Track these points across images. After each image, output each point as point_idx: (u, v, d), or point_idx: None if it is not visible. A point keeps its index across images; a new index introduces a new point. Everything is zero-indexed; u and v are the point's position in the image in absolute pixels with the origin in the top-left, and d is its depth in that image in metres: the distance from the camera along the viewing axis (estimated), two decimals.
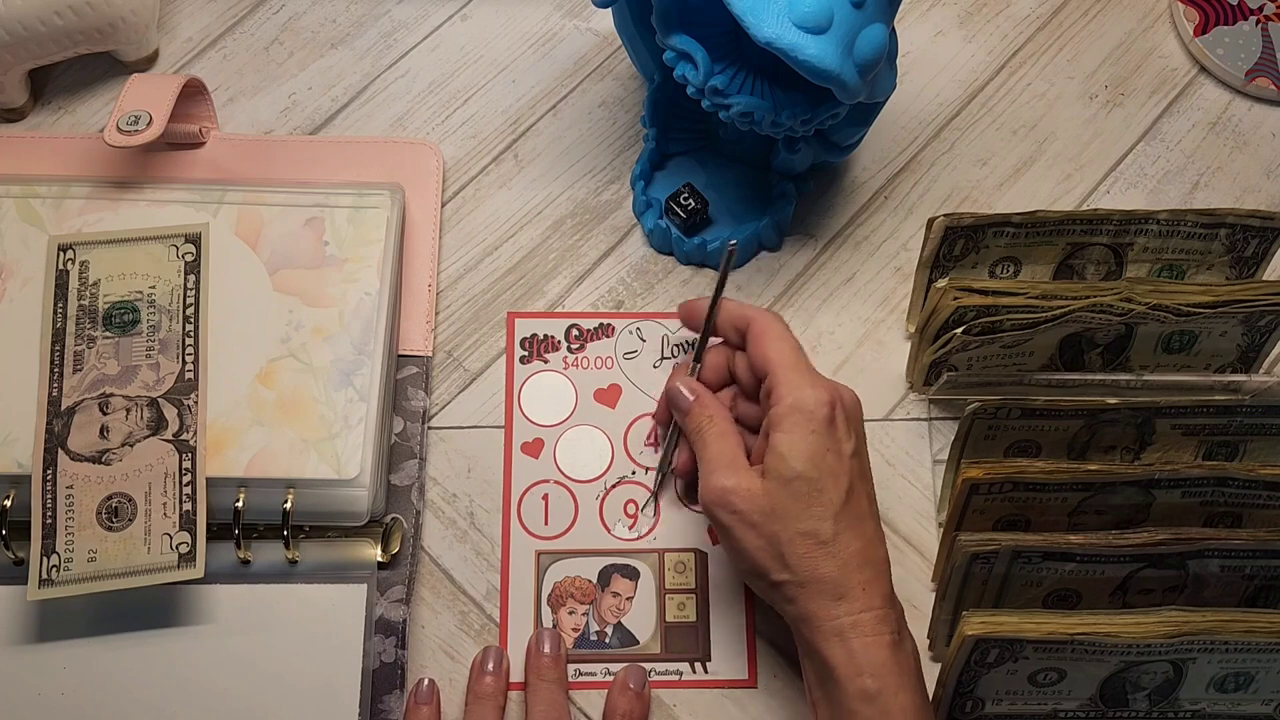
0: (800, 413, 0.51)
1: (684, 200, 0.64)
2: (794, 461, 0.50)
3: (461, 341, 0.63)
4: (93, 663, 0.55)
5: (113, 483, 0.54)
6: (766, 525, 0.51)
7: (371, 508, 0.57)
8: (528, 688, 0.56)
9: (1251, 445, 0.58)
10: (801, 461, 0.50)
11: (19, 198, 0.61)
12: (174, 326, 0.57)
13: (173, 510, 0.54)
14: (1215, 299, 0.57)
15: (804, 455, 0.51)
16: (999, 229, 0.59)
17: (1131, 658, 0.51)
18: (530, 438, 0.61)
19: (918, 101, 0.70)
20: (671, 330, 0.63)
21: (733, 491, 0.51)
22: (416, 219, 0.65)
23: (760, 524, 0.51)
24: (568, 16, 0.71)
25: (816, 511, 0.50)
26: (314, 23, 0.71)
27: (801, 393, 0.52)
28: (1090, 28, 0.72)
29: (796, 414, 0.51)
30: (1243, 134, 0.69)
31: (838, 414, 0.52)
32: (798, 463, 0.50)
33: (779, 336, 0.54)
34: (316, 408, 0.57)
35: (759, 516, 0.51)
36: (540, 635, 0.57)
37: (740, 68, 0.57)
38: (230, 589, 0.56)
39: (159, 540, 0.53)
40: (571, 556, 0.59)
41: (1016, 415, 0.56)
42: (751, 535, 0.51)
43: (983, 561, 0.53)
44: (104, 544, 0.53)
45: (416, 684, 0.56)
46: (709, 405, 0.55)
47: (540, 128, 0.68)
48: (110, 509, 0.54)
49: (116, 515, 0.54)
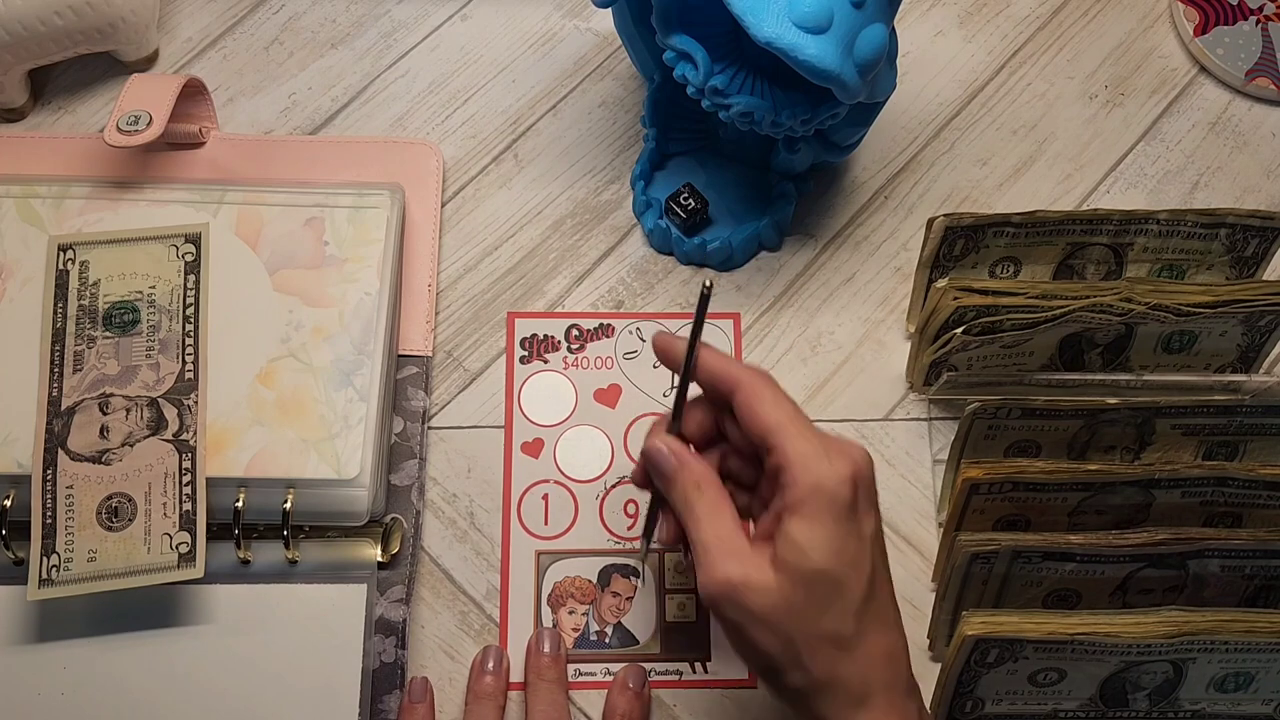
0: (821, 498, 0.44)
1: (684, 200, 0.64)
2: (815, 556, 0.44)
3: (461, 341, 0.63)
4: (93, 663, 0.55)
5: (113, 483, 0.54)
6: (782, 626, 0.44)
7: (371, 508, 0.57)
8: (528, 687, 0.56)
9: (1251, 445, 0.58)
10: (823, 556, 0.44)
11: (19, 198, 0.61)
12: (174, 326, 0.57)
13: (173, 510, 0.54)
14: (1215, 299, 0.57)
15: (826, 548, 0.44)
16: (999, 229, 0.59)
17: (1131, 658, 0.51)
18: (530, 438, 0.61)
19: (918, 101, 0.70)
20: (672, 331, 0.63)
21: (741, 587, 0.44)
22: (416, 219, 0.65)
23: (775, 624, 0.44)
24: (568, 16, 0.71)
25: (838, 609, 0.44)
26: (314, 23, 0.71)
27: (820, 472, 0.44)
28: (1090, 28, 0.72)
29: (817, 499, 0.44)
30: (1243, 134, 0.69)
31: (860, 493, 0.45)
32: (819, 557, 0.44)
33: (774, 401, 0.47)
34: (316, 408, 0.57)
35: (773, 616, 0.44)
36: (540, 635, 0.57)
37: (740, 68, 0.57)
38: (230, 589, 0.56)
39: (159, 540, 0.53)
40: (571, 556, 0.59)
41: (1016, 415, 0.56)
42: (764, 635, 0.45)
43: (983, 561, 0.53)
44: (104, 544, 0.53)
45: (410, 682, 0.56)
46: (695, 470, 0.48)
47: (540, 128, 0.68)
48: (110, 509, 0.54)
49: (116, 515, 0.54)
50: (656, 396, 0.62)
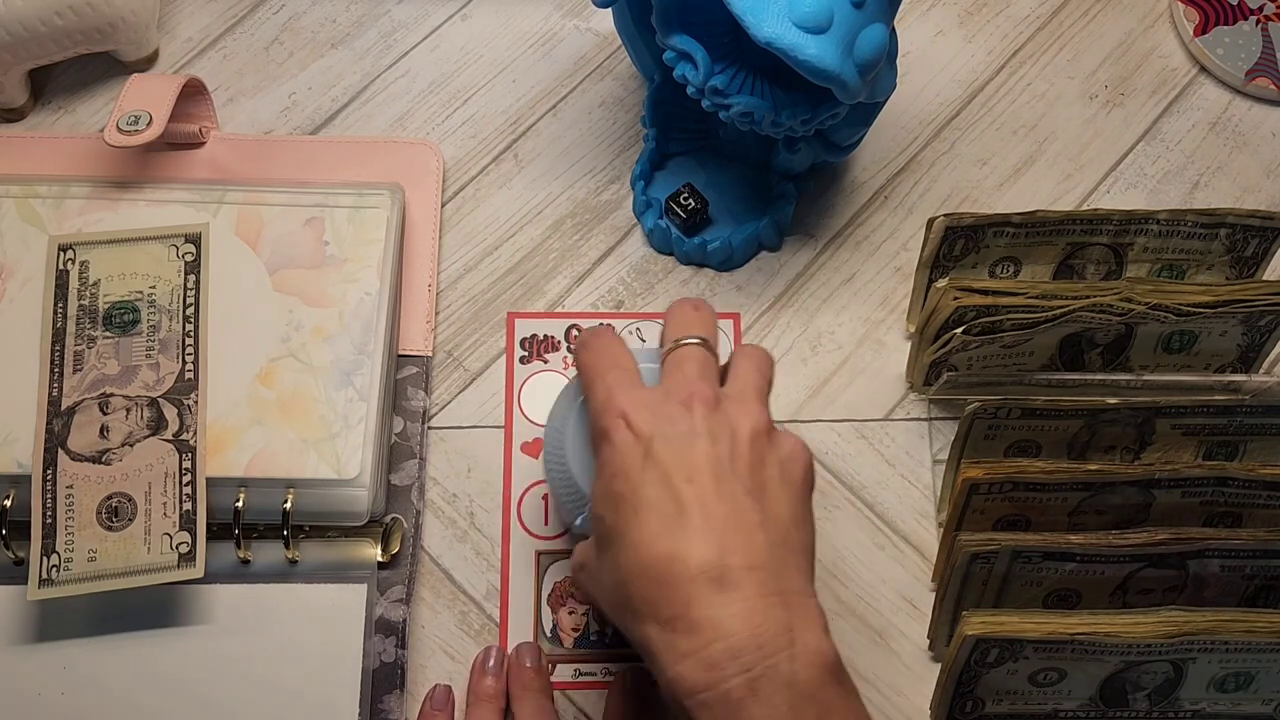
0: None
1: (684, 200, 0.64)
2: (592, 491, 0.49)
3: (461, 341, 0.63)
4: (93, 663, 0.55)
5: (113, 483, 0.54)
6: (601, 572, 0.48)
7: (371, 508, 0.57)
8: (513, 700, 0.55)
9: (1251, 445, 0.59)
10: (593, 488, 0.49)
11: (19, 198, 0.61)
12: (174, 326, 0.57)
13: (173, 510, 0.54)
14: (1215, 299, 0.57)
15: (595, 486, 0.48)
16: (999, 229, 0.59)
17: (1132, 658, 0.51)
18: (530, 438, 0.61)
19: (918, 101, 0.70)
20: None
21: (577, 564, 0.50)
22: (416, 219, 0.65)
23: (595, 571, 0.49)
24: (568, 16, 0.71)
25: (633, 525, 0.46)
26: (314, 23, 0.71)
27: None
28: (1090, 28, 0.72)
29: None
30: (1243, 134, 0.69)
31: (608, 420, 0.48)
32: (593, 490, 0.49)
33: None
34: (316, 408, 0.57)
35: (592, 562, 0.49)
36: (520, 650, 0.56)
37: (740, 68, 0.57)
38: (230, 589, 0.56)
39: (159, 540, 0.53)
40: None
41: (1016, 415, 0.56)
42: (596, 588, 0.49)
43: (983, 561, 0.53)
44: (104, 544, 0.53)
45: (432, 689, 0.56)
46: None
47: (540, 128, 0.68)
48: (110, 509, 0.54)
49: (116, 515, 0.54)
50: None
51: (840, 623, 0.58)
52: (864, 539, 0.59)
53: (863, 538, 0.60)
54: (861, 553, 0.59)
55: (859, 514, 0.60)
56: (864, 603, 0.58)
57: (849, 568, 0.59)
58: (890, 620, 0.58)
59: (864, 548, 0.59)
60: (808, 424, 0.62)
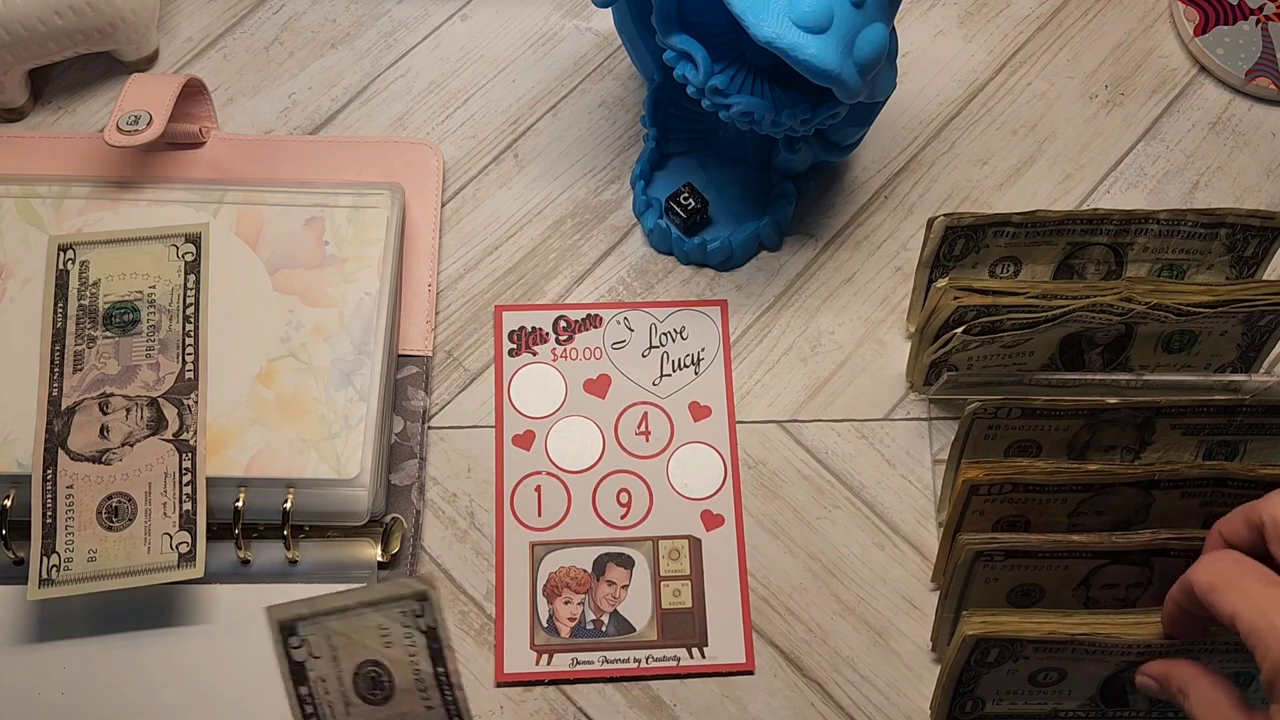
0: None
1: (684, 200, 0.64)
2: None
3: (461, 341, 0.63)
4: (93, 663, 0.55)
5: (113, 482, 0.54)
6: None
7: (371, 508, 0.57)
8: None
9: (1251, 445, 0.58)
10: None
11: (19, 198, 0.61)
12: (174, 326, 0.57)
13: (173, 510, 0.54)
14: (1215, 299, 0.57)
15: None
16: (999, 229, 0.59)
17: (1132, 658, 0.51)
18: (521, 430, 0.61)
19: (918, 101, 0.70)
20: (659, 319, 0.63)
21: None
22: (416, 219, 0.65)
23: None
24: (568, 16, 0.71)
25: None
26: (314, 23, 0.71)
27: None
28: (1090, 28, 0.72)
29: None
30: (1243, 134, 0.69)
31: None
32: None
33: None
34: (316, 407, 0.57)
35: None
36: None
37: (740, 68, 0.57)
38: (230, 589, 0.56)
39: (159, 540, 0.53)
40: (566, 547, 0.59)
41: (1016, 415, 0.56)
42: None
43: (985, 560, 0.53)
44: (104, 544, 0.53)
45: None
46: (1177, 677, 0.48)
47: (540, 128, 0.68)
48: (110, 509, 0.54)
49: (116, 515, 0.54)
50: (646, 386, 0.62)
51: (840, 623, 0.58)
52: (864, 539, 0.60)
53: (863, 537, 0.60)
54: (861, 552, 0.59)
55: (859, 514, 0.60)
56: (864, 603, 0.58)
57: (849, 567, 0.59)
58: (890, 620, 0.58)
59: (864, 547, 0.59)
60: (808, 424, 0.62)
